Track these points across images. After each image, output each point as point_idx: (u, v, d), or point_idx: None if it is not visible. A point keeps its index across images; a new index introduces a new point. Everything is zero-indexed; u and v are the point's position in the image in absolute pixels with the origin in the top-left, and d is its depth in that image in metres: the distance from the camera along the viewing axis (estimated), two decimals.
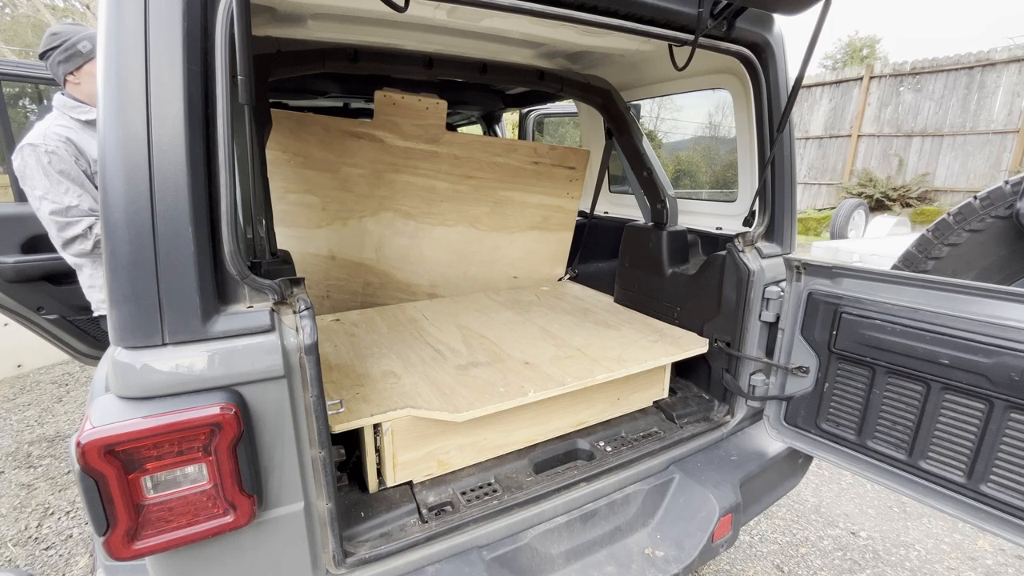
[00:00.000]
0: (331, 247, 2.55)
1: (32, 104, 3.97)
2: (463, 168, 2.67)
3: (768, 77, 1.76)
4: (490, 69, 2.14)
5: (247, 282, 1.04)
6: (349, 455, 1.57)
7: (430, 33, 1.82)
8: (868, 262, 6.54)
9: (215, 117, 0.97)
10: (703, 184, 6.30)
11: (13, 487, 3.02)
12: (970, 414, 1.36)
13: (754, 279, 1.80)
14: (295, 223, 2.42)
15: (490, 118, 4.25)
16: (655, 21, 1.44)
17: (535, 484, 1.56)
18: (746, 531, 2.66)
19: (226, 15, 0.95)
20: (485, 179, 2.73)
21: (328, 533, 1.19)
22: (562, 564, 1.50)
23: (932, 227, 2.47)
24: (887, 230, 8.46)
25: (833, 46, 23.90)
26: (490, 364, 1.82)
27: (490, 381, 1.67)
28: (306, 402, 1.11)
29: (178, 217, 0.93)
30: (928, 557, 2.49)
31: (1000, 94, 9.67)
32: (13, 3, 13.61)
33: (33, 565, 2.45)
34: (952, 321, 1.36)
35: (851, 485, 3.04)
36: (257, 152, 1.48)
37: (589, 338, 2.08)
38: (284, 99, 3.37)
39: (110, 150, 0.90)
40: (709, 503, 1.65)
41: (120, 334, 0.94)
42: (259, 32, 1.69)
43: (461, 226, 2.80)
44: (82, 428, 0.90)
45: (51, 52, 2.15)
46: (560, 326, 2.23)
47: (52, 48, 2.14)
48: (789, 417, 1.81)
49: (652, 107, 6.95)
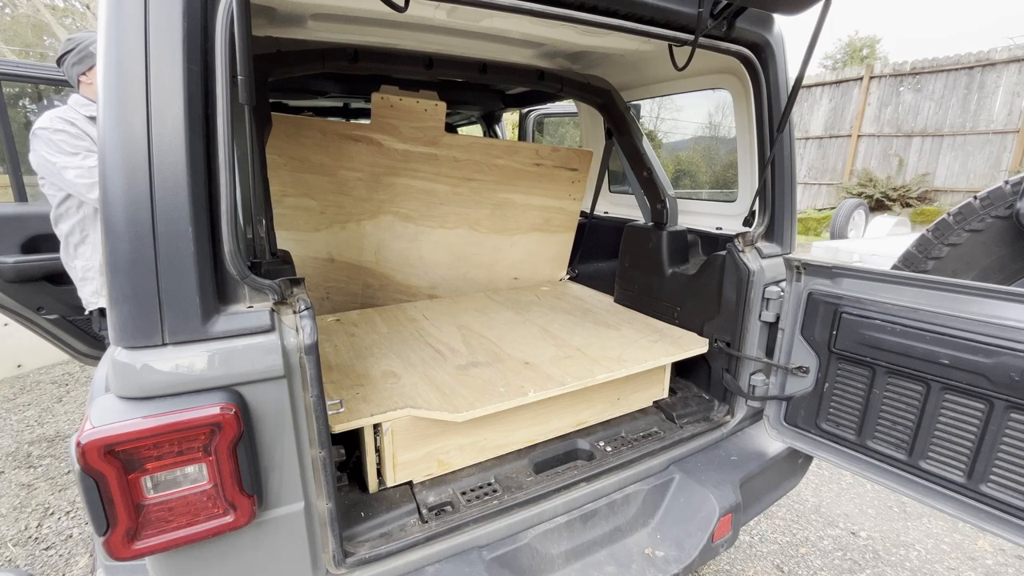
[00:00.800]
0: (330, 250, 2.55)
1: (32, 104, 3.97)
2: (463, 170, 2.66)
3: (768, 77, 1.76)
4: (490, 69, 2.14)
5: (247, 282, 1.04)
6: (349, 455, 1.57)
7: (430, 33, 1.82)
8: (868, 262, 6.54)
9: (215, 117, 0.97)
10: (703, 184, 6.30)
11: (13, 487, 3.02)
12: (970, 414, 1.36)
13: (754, 279, 1.80)
14: (293, 227, 2.42)
15: (490, 118, 4.25)
16: (655, 21, 1.44)
17: (535, 484, 1.56)
18: (746, 531, 2.66)
19: (226, 15, 0.95)
20: (485, 181, 2.72)
21: (328, 533, 1.19)
22: (562, 564, 1.49)
23: (932, 227, 2.48)
24: (887, 230, 8.46)
25: (833, 46, 23.90)
26: (490, 364, 1.82)
27: (490, 381, 1.67)
28: (306, 402, 1.11)
29: (178, 217, 0.93)
30: (928, 557, 2.49)
31: (1000, 94, 9.67)
32: (13, 3, 13.62)
33: (33, 565, 2.45)
34: (952, 321, 1.36)
35: (851, 485, 3.04)
36: (257, 152, 1.48)
37: (589, 338, 2.08)
38: (284, 99, 3.37)
39: (110, 150, 0.90)
40: (709, 503, 1.65)
41: (120, 334, 0.94)
42: (259, 32, 1.69)
43: (461, 229, 2.79)
44: (82, 428, 0.90)
45: (66, 56, 2.26)
46: (560, 326, 2.23)
47: (67, 52, 2.25)
48: (789, 417, 1.81)
49: (652, 107, 6.95)
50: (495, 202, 2.80)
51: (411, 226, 2.69)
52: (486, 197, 2.77)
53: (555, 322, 2.29)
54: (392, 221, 2.64)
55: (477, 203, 2.77)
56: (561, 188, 2.89)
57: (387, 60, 1.95)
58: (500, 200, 2.80)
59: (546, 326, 2.23)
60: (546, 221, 2.96)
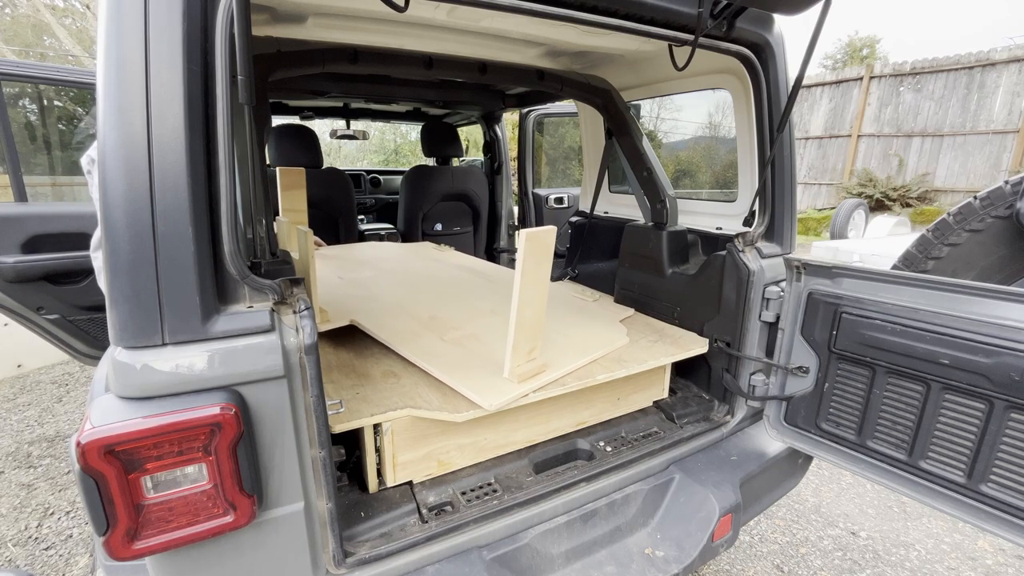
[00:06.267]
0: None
1: (32, 104, 3.97)
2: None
3: (768, 77, 1.76)
4: (490, 69, 2.14)
5: (247, 282, 1.04)
6: (349, 455, 1.57)
7: (430, 33, 1.82)
8: (868, 262, 6.55)
9: (215, 117, 0.97)
10: (703, 184, 6.31)
11: (13, 487, 3.02)
12: (970, 414, 1.36)
13: (754, 279, 1.80)
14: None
15: (490, 118, 4.25)
16: (655, 21, 1.44)
17: (535, 484, 1.56)
18: (746, 531, 2.66)
19: (226, 15, 0.95)
20: None
21: (328, 533, 1.19)
22: (562, 564, 1.49)
23: (932, 227, 2.48)
24: (887, 230, 8.47)
25: (833, 46, 23.89)
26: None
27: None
28: (306, 402, 1.11)
29: (178, 217, 0.93)
30: (928, 557, 2.49)
31: (1000, 94, 9.68)
32: (13, 3, 13.63)
33: (33, 565, 2.45)
34: (952, 321, 1.36)
35: (851, 485, 3.04)
36: (257, 152, 1.48)
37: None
38: (284, 99, 3.37)
39: (110, 150, 0.90)
40: (709, 503, 1.65)
41: (120, 334, 0.94)
42: (259, 32, 1.69)
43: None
44: (82, 428, 0.90)
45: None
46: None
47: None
48: (789, 417, 1.81)
49: (652, 107, 6.95)
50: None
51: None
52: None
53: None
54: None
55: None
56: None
57: (387, 60, 1.95)
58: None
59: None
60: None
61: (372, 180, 5.75)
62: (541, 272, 1.54)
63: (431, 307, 2.24)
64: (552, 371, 1.69)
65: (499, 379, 1.60)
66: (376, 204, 5.45)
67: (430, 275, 2.80)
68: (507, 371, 1.60)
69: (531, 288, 1.52)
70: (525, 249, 1.44)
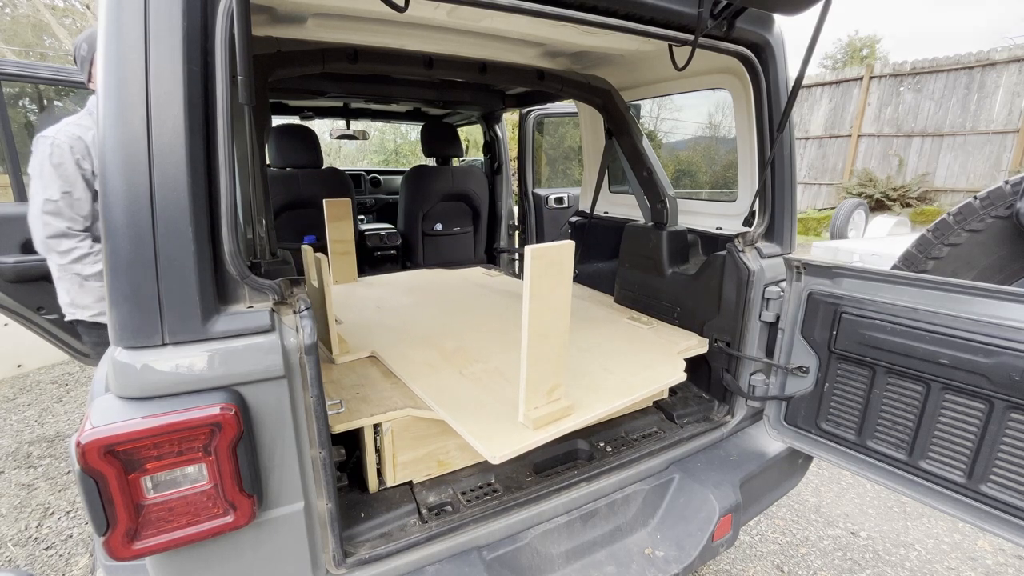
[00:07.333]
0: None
1: (32, 104, 3.97)
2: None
3: (768, 77, 1.76)
4: (490, 69, 2.14)
5: (247, 282, 1.04)
6: (349, 455, 1.57)
7: (430, 33, 1.82)
8: (868, 262, 6.55)
9: (215, 117, 0.97)
10: (703, 184, 6.31)
11: (13, 487, 3.02)
12: (970, 414, 1.36)
13: (754, 279, 1.80)
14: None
15: (490, 118, 4.25)
16: (655, 21, 1.44)
17: (535, 484, 1.56)
18: (746, 531, 2.66)
19: (226, 15, 0.95)
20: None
21: (328, 533, 1.19)
22: (562, 564, 1.49)
23: (932, 227, 2.48)
24: (887, 230, 8.47)
25: (833, 46, 23.88)
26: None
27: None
28: (306, 402, 1.11)
29: (178, 217, 0.93)
30: (928, 557, 2.49)
31: (1000, 94, 9.67)
32: (13, 3, 13.63)
33: (33, 565, 2.45)
34: (952, 321, 1.36)
35: (851, 485, 3.04)
36: (257, 152, 1.48)
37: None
38: (284, 99, 3.37)
39: (110, 150, 0.90)
40: (709, 503, 1.65)
41: (120, 334, 0.94)
42: (259, 32, 1.69)
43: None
44: (82, 428, 0.90)
45: (81, 46, 2.22)
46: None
47: (81, 43, 2.22)
48: (789, 417, 1.81)
49: (652, 107, 6.95)
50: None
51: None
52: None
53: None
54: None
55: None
56: None
57: (387, 60, 1.95)
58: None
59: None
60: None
61: (372, 180, 5.75)
62: (558, 297, 1.32)
63: (460, 337, 2.09)
64: (579, 415, 1.47)
65: (512, 423, 1.41)
66: (376, 204, 5.45)
67: (470, 302, 2.66)
68: (521, 415, 1.40)
69: (546, 316, 1.30)
70: (533, 270, 1.22)
